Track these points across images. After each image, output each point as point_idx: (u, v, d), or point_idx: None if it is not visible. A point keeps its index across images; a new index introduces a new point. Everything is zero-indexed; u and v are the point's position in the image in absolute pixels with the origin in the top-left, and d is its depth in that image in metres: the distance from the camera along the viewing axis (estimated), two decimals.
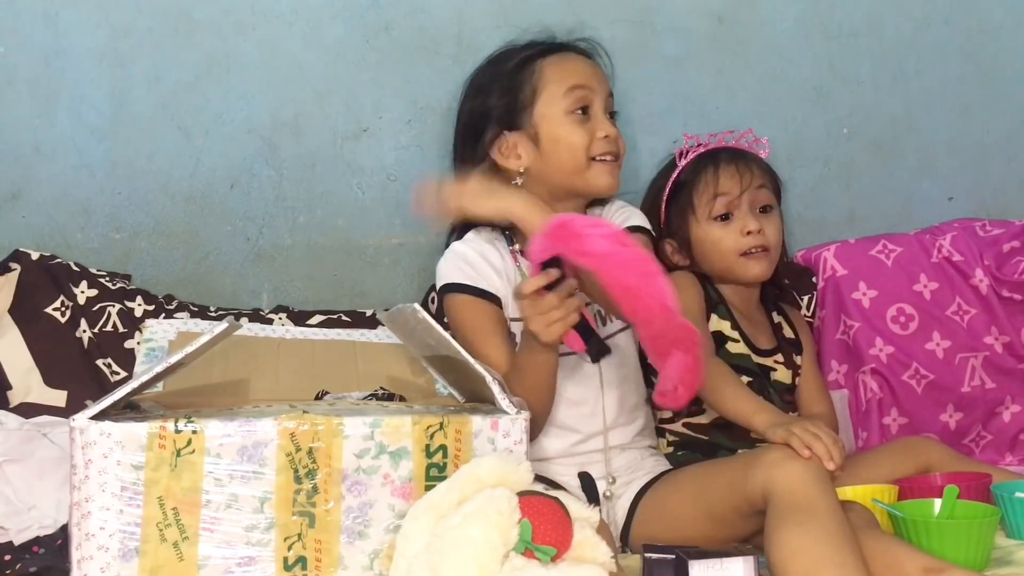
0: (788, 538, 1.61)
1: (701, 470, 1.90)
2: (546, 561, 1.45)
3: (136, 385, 1.57)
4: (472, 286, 1.99)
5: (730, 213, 2.19)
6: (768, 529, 1.65)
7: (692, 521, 1.84)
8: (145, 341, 2.08)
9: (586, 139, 2.03)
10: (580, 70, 2.08)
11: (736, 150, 2.24)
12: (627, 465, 2.02)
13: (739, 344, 2.18)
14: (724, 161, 2.21)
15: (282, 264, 2.40)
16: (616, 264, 1.61)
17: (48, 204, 2.33)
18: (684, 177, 2.24)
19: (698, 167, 2.23)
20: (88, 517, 1.50)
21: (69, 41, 2.31)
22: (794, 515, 1.62)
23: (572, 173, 2.04)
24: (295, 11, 2.37)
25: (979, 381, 2.41)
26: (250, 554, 1.54)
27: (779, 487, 1.67)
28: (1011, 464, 2.38)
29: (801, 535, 1.60)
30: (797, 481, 1.66)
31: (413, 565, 1.48)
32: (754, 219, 2.19)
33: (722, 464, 1.88)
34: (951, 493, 1.85)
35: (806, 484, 1.66)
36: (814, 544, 1.58)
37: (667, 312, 1.61)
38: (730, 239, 2.18)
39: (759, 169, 2.23)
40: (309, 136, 2.39)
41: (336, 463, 1.56)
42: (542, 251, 1.67)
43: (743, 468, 1.76)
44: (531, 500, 1.50)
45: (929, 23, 2.58)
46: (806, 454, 1.71)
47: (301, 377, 1.93)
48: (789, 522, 1.62)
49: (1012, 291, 2.41)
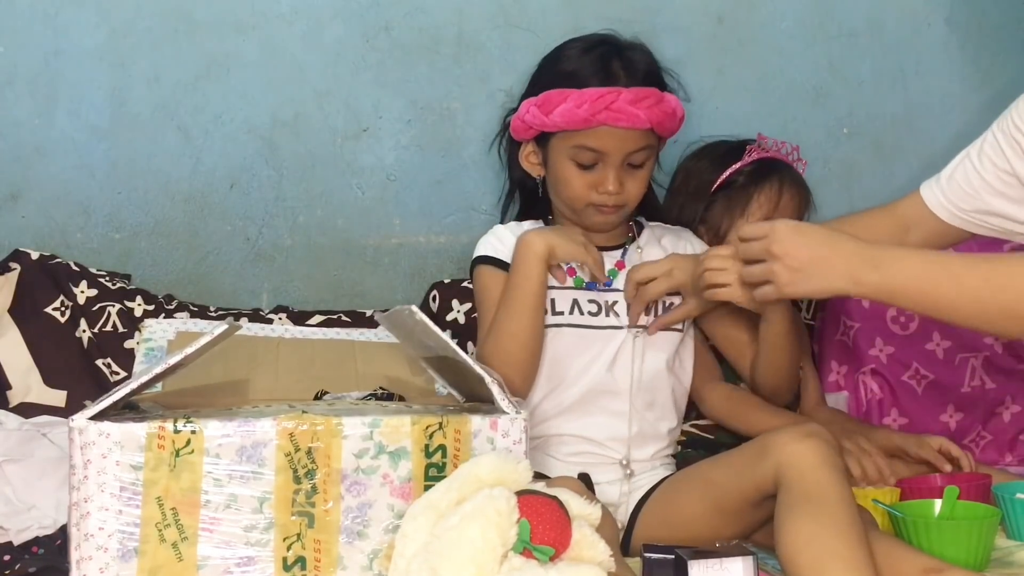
0: (798, 529, 1.60)
1: (706, 464, 1.88)
2: (544, 561, 1.45)
3: (135, 386, 1.57)
4: (496, 258, 2.03)
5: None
6: (778, 517, 1.64)
7: (699, 517, 1.82)
8: (144, 341, 2.07)
9: (584, 189, 1.99)
10: (602, 131, 1.96)
11: (798, 175, 2.23)
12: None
13: None
14: (789, 183, 2.19)
15: (282, 264, 2.40)
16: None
17: (48, 204, 2.33)
18: (744, 177, 2.20)
19: (762, 174, 2.19)
20: (87, 517, 1.50)
21: (69, 41, 2.31)
22: (804, 504, 1.62)
23: (567, 206, 2.04)
24: (295, 11, 2.37)
25: (979, 381, 2.40)
26: (249, 554, 1.53)
27: (791, 469, 1.65)
28: (1011, 464, 2.38)
29: (810, 526, 1.59)
30: (808, 463, 1.65)
31: (412, 564, 1.48)
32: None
33: (728, 454, 1.85)
34: (951, 494, 1.85)
35: (816, 469, 1.64)
36: (823, 536, 1.58)
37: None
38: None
39: (805, 202, 2.23)
40: (309, 136, 2.39)
41: (335, 463, 1.56)
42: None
43: (752, 453, 1.74)
44: (530, 499, 1.49)
45: (929, 23, 2.58)
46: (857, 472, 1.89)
47: (300, 377, 1.93)
48: (799, 512, 1.61)
49: None
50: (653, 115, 1.96)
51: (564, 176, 2.01)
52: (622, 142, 1.96)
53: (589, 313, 2.00)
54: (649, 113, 1.95)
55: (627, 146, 1.97)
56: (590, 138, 1.96)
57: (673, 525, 1.84)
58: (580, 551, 1.49)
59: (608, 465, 1.97)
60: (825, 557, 1.56)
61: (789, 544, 1.60)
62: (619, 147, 1.97)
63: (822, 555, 1.57)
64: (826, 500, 1.61)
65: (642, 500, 1.94)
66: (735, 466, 1.78)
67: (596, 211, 2.01)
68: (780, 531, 1.62)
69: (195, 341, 1.61)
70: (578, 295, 2.01)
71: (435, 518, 1.50)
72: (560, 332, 1.99)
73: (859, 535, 1.59)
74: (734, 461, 1.80)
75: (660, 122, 1.98)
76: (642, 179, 2.02)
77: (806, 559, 1.57)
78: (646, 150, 2.00)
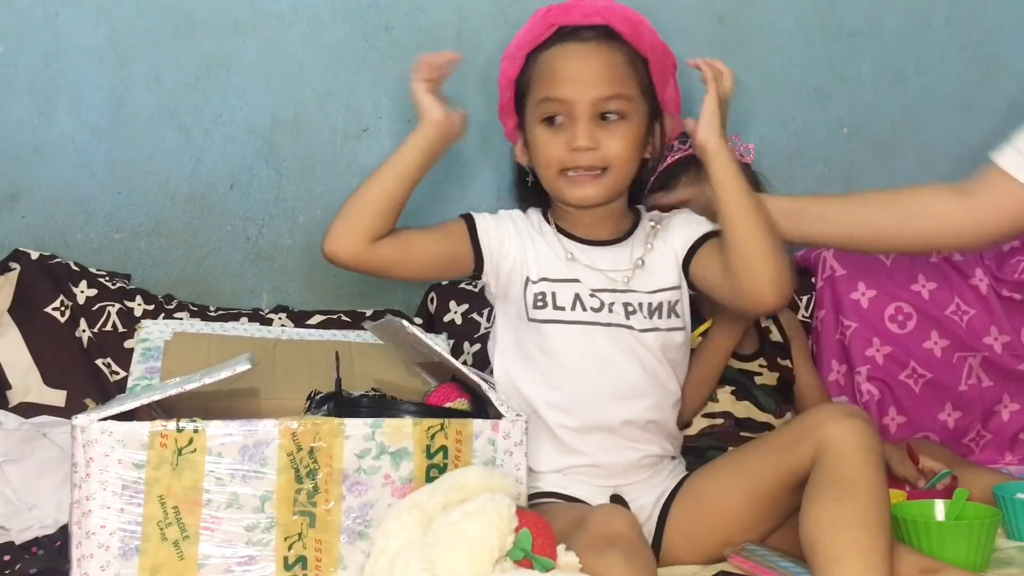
0: (819, 512, 1.60)
1: (739, 452, 1.85)
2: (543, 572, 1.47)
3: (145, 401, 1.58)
4: (472, 217, 1.93)
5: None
6: (806, 497, 1.64)
7: (736, 508, 1.78)
8: (141, 341, 2.07)
9: (555, 150, 1.85)
10: (563, 75, 1.85)
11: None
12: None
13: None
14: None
15: (282, 264, 2.40)
16: None
17: (48, 204, 2.33)
18: (669, 180, 2.13)
19: (681, 170, 2.13)
20: (89, 515, 1.50)
21: (69, 41, 2.31)
22: (833, 489, 1.61)
23: (550, 185, 1.89)
24: (295, 11, 2.37)
25: (976, 379, 2.41)
26: (250, 553, 1.54)
27: (830, 451, 1.64)
28: (1011, 463, 2.38)
29: (835, 511, 1.59)
30: (848, 446, 1.63)
31: (396, 560, 1.49)
32: None
33: (761, 439, 1.83)
34: (961, 496, 1.85)
35: (853, 453, 1.63)
36: (846, 523, 1.57)
37: None
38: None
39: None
40: (309, 136, 2.39)
41: (337, 463, 1.56)
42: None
43: (789, 435, 1.73)
44: (527, 513, 1.52)
45: (929, 23, 2.58)
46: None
47: (297, 378, 1.93)
48: (827, 496, 1.61)
49: (1012, 291, 2.41)
50: (612, 16, 1.86)
51: (536, 144, 1.87)
52: (586, 87, 1.83)
53: (592, 309, 1.88)
54: (607, 13, 1.86)
55: (593, 91, 1.83)
56: (554, 86, 1.84)
57: (707, 518, 1.80)
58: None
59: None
60: (845, 545, 1.56)
61: (812, 527, 1.60)
62: (584, 92, 1.83)
63: (842, 542, 1.57)
64: (855, 486, 1.60)
65: (669, 498, 1.87)
66: (770, 450, 1.76)
67: (571, 182, 1.86)
68: (805, 513, 1.62)
69: (216, 372, 1.60)
70: (580, 288, 1.88)
71: (420, 518, 1.52)
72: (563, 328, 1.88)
73: (883, 525, 1.59)
74: (768, 445, 1.77)
75: (620, 24, 1.87)
76: (623, 136, 1.85)
77: (824, 546, 1.58)
78: (620, 99, 1.85)
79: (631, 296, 1.88)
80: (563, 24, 1.88)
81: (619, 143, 1.85)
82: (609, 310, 1.87)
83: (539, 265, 1.89)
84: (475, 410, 1.71)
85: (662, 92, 1.95)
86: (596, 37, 1.88)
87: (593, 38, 1.88)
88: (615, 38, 1.89)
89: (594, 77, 1.85)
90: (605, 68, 1.86)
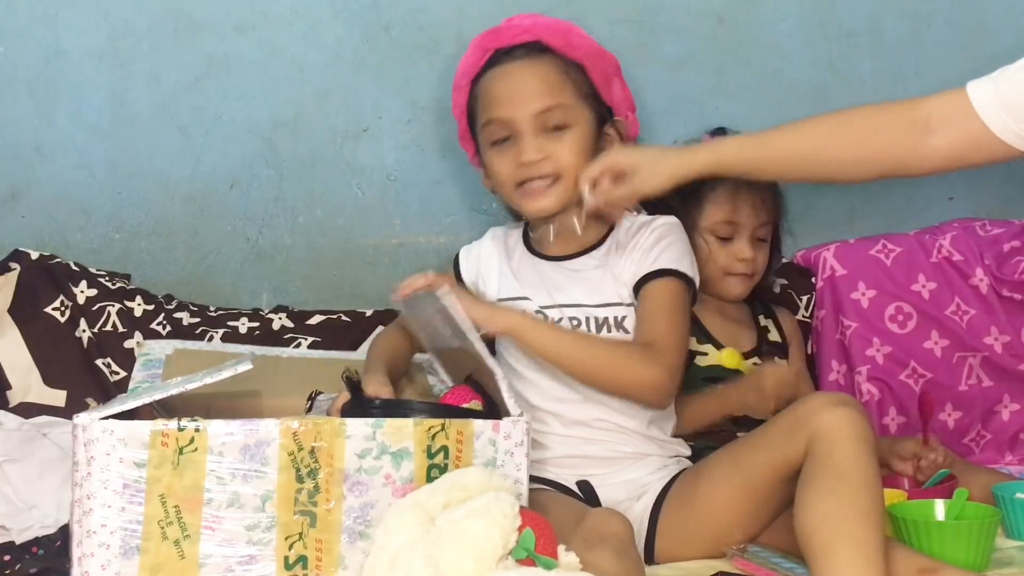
0: (815, 504, 1.60)
1: (733, 446, 1.85)
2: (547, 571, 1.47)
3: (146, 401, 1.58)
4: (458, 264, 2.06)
5: (732, 237, 2.19)
6: (800, 489, 1.64)
7: (729, 502, 1.79)
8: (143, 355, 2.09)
9: (509, 168, 1.92)
10: (500, 96, 1.93)
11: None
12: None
13: (707, 357, 2.18)
14: (746, 190, 2.17)
15: (282, 264, 2.40)
16: None
17: (48, 204, 2.33)
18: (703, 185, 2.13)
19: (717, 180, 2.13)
20: (90, 514, 1.50)
21: (69, 41, 2.31)
22: (827, 480, 1.61)
23: (509, 202, 1.99)
24: (295, 11, 2.37)
25: (976, 379, 2.41)
26: (251, 553, 1.53)
27: (823, 440, 1.64)
28: (1011, 463, 2.38)
29: (828, 503, 1.59)
30: (840, 435, 1.63)
31: (398, 558, 1.49)
32: (750, 248, 2.19)
33: (757, 431, 1.83)
34: (961, 496, 1.85)
35: (846, 443, 1.63)
36: (840, 515, 1.58)
37: None
38: (723, 258, 2.19)
39: (773, 204, 2.22)
40: (309, 136, 2.39)
41: (338, 463, 1.56)
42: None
43: (783, 426, 1.73)
44: (530, 513, 1.52)
45: (929, 23, 2.58)
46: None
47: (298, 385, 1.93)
48: (821, 488, 1.61)
49: (1012, 291, 2.41)
50: (540, 30, 1.95)
51: (491, 166, 1.96)
52: (523, 103, 1.90)
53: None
54: (535, 29, 1.95)
55: (531, 105, 1.90)
56: (494, 108, 1.92)
57: (700, 513, 1.81)
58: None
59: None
60: (839, 538, 1.57)
61: (807, 519, 1.60)
62: (522, 109, 1.90)
63: (836, 535, 1.57)
64: (849, 476, 1.61)
65: (661, 495, 1.89)
66: (763, 442, 1.76)
67: (527, 196, 1.92)
68: (799, 504, 1.62)
69: (218, 372, 1.59)
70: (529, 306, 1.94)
71: (421, 517, 1.52)
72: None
73: (877, 516, 1.60)
74: (761, 437, 1.78)
75: (549, 37, 1.95)
76: (570, 144, 1.91)
77: (819, 539, 1.58)
78: (559, 109, 1.91)
79: (578, 311, 1.93)
80: (497, 47, 1.97)
81: (567, 151, 1.91)
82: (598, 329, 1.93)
83: (499, 285, 2.00)
84: (488, 412, 1.72)
85: (607, 95, 2.01)
86: (527, 54, 1.96)
87: (524, 55, 1.96)
88: (547, 51, 1.96)
89: (529, 92, 1.92)
90: (539, 82, 1.93)
